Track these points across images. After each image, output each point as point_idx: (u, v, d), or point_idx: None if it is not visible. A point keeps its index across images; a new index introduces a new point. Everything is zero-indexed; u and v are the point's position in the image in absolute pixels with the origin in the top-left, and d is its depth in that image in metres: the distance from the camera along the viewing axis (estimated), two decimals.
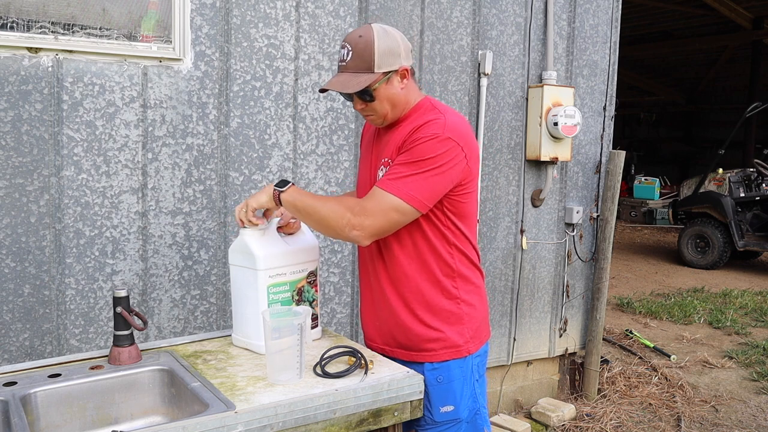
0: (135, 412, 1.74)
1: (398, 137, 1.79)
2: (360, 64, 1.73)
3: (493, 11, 3.44)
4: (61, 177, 2.43)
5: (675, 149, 17.13)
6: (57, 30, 2.37)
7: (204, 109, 2.67)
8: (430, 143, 1.69)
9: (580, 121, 3.55)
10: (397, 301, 1.85)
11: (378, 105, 1.78)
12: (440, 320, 1.83)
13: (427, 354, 1.83)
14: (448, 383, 1.83)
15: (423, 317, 1.83)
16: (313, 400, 1.55)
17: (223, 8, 2.67)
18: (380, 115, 1.81)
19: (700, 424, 3.83)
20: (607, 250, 3.96)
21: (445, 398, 1.82)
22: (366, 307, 1.99)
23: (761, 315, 6.21)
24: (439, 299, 1.83)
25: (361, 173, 1.99)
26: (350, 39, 1.75)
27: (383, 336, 1.92)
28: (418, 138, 1.70)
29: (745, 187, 8.35)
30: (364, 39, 1.72)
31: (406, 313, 1.84)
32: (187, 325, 2.72)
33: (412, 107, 1.84)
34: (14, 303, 2.39)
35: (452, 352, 1.83)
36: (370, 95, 1.75)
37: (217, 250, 2.75)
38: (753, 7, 11.39)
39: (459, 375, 1.84)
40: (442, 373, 1.82)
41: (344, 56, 1.75)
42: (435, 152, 1.68)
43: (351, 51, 1.73)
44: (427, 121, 1.73)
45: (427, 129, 1.71)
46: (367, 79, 1.72)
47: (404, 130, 1.78)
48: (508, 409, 3.87)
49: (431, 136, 1.69)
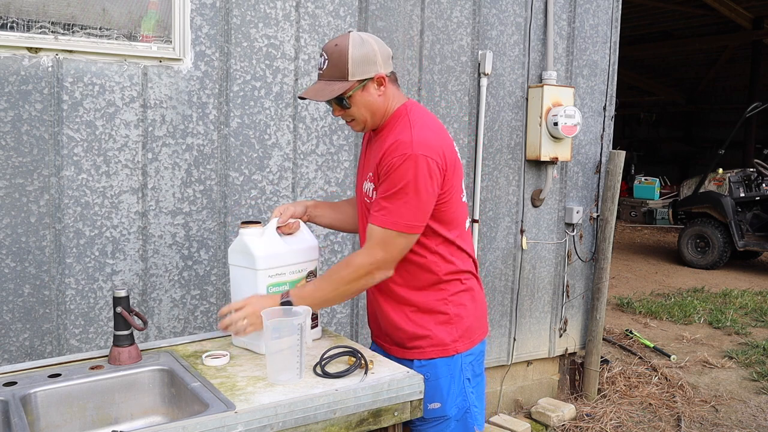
0: (135, 412, 1.74)
1: (378, 150, 1.81)
2: (335, 72, 1.76)
3: (493, 11, 3.44)
4: (61, 177, 2.43)
5: (675, 149, 17.12)
6: (57, 30, 2.37)
7: (204, 109, 2.67)
8: (403, 168, 1.70)
9: (580, 121, 3.55)
10: (387, 303, 1.90)
11: (356, 111, 1.81)
12: (428, 319, 1.87)
13: (416, 351, 1.87)
14: (435, 380, 1.85)
15: (411, 316, 1.87)
16: (313, 400, 1.55)
17: (223, 8, 2.67)
18: (360, 122, 1.84)
19: (700, 424, 3.83)
20: (607, 250, 3.96)
21: (432, 395, 1.84)
22: (367, 304, 2.06)
23: (761, 315, 6.21)
24: (426, 301, 1.87)
25: (357, 178, 2.04)
26: (327, 48, 1.78)
27: (381, 333, 1.98)
28: (391, 164, 1.72)
29: (745, 187, 8.34)
30: (339, 48, 1.75)
31: (396, 312, 1.89)
32: (187, 325, 2.72)
33: (391, 115, 1.85)
34: (14, 303, 2.39)
35: (439, 350, 1.86)
36: (345, 102, 1.78)
37: (217, 250, 2.75)
38: (753, 7, 11.38)
39: (446, 373, 1.87)
40: (429, 371, 1.85)
41: (321, 64, 1.79)
42: (410, 176, 1.70)
43: (327, 60, 1.77)
44: (395, 140, 1.74)
45: (395, 150, 1.72)
46: (341, 87, 1.75)
47: (383, 143, 1.80)
48: (508, 409, 3.87)
49: (402, 158, 1.70)
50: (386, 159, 1.73)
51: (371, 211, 1.78)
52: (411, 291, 1.86)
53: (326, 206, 2.18)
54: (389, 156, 1.73)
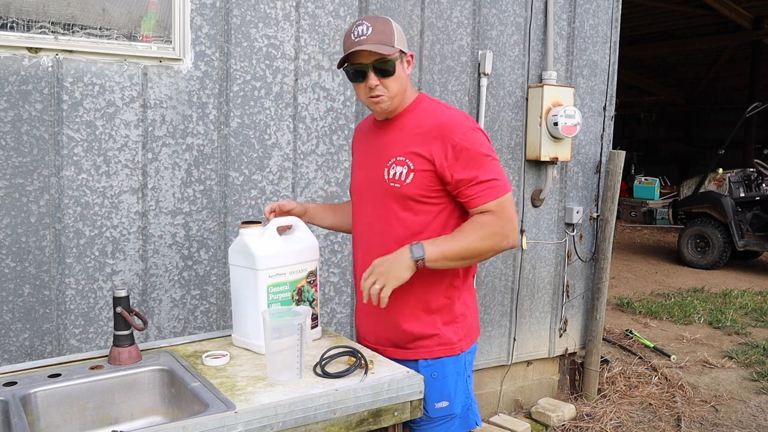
0: (135, 412, 1.74)
1: (407, 135, 1.80)
2: (381, 37, 1.74)
3: (493, 11, 3.44)
4: (61, 177, 2.43)
5: (675, 149, 17.13)
6: (57, 30, 2.37)
7: (204, 109, 2.67)
8: (478, 141, 1.75)
9: (580, 121, 3.55)
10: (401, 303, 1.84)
11: (392, 83, 1.79)
12: (436, 318, 1.85)
13: (423, 351, 1.85)
14: (443, 379, 1.85)
15: (419, 315, 1.84)
16: (313, 400, 1.54)
17: (223, 8, 2.67)
18: (391, 95, 1.80)
19: (700, 424, 3.83)
20: (607, 250, 3.96)
21: (440, 394, 1.84)
22: (360, 306, 1.99)
23: (761, 315, 6.21)
24: (436, 297, 1.85)
25: (359, 176, 1.98)
26: (367, 18, 1.78)
27: (377, 335, 1.93)
28: (464, 141, 1.73)
29: (745, 187, 8.34)
30: (381, 18, 1.78)
31: (402, 310, 1.84)
32: (187, 325, 2.72)
33: (413, 101, 1.86)
34: (14, 303, 2.39)
35: (447, 349, 1.85)
36: (392, 67, 1.77)
37: (217, 250, 2.75)
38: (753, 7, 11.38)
39: (453, 371, 1.86)
40: (437, 370, 1.84)
41: (364, 31, 1.75)
42: (486, 144, 1.78)
43: (371, 26, 1.75)
44: (451, 118, 1.78)
45: (459, 126, 1.75)
46: (392, 50, 1.75)
47: (412, 127, 1.80)
48: (508, 409, 3.87)
49: (470, 129, 1.75)
50: (457, 139, 1.73)
51: (473, 196, 1.74)
52: (427, 291, 1.83)
53: (327, 208, 2.17)
54: (457, 134, 1.73)
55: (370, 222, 1.90)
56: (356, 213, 1.99)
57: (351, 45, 1.76)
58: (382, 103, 1.81)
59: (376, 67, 1.76)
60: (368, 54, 1.74)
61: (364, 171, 1.95)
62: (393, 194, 1.81)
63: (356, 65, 1.77)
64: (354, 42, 1.75)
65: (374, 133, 1.93)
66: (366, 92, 1.80)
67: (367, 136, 1.97)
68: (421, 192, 1.78)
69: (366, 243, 1.93)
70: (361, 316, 2.00)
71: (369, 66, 1.76)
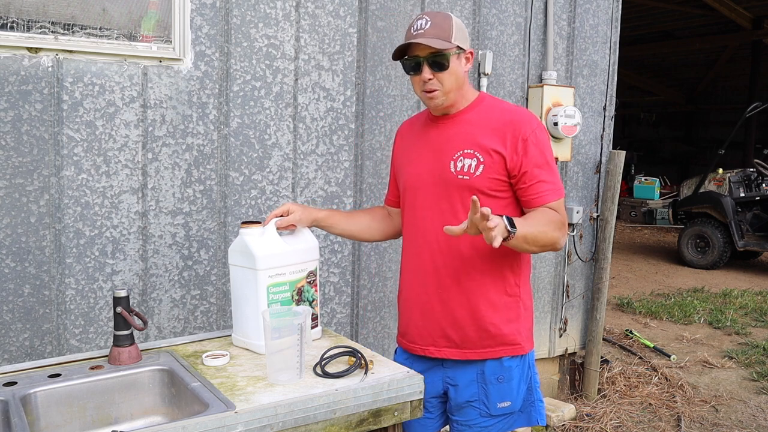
0: (135, 412, 1.74)
1: (473, 129, 1.82)
2: (439, 32, 1.76)
3: (493, 11, 3.44)
4: (61, 177, 2.43)
5: (675, 149, 17.13)
6: (57, 30, 2.37)
7: (204, 109, 2.67)
8: (544, 136, 1.82)
9: (580, 121, 3.55)
10: (459, 298, 1.85)
11: (447, 77, 1.79)
12: (502, 318, 1.86)
13: (491, 351, 1.86)
14: (509, 381, 1.87)
15: (485, 315, 1.85)
16: (313, 400, 1.55)
17: (223, 8, 2.67)
18: (445, 91, 1.81)
19: (700, 424, 3.83)
20: (607, 250, 3.96)
21: (504, 395, 1.86)
22: (413, 309, 1.95)
23: (761, 315, 6.21)
24: (500, 297, 1.86)
25: (413, 171, 1.93)
26: (427, 13, 1.81)
27: (432, 336, 1.90)
28: (534, 137, 1.79)
29: (745, 187, 8.34)
30: (441, 14, 1.81)
31: (468, 310, 1.85)
32: (187, 325, 2.72)
33: (475, 99, 1.88)
34: (14, 303, 2.39)
35: (512, 349, 1.87)
36: (447, 61, 1.78)
37: (217, 250, 2.75)
38: (753, 7, 11.39)
39: (518, 373, 1.88)
40: (503, 372, 1.86)
41: (422, 25, 1.77)
42: (548, 142, 1.84)
43: (430, 21, 1.77)
44: (520, 114, 1.83)
45: (529, 122, 1.81)
46: (448, 45, 1.76)
47: (478, 121, 1.83)
48: None
49: (538, 126, 1.81)
50: (525, 131, 1.78)
51: (537, 194, 1.79)
52: (492, 281, 1.85)
53: (340, 216, 2.13)
54: (525, 129, 1.78)
55: (431, 216, 1.88)
56: (409, 207, 1.96)
57: (409, 37, 1.80)
58: (436, 99, 1.83)
59: (431, 60, 1.77)
60: (424, 47, 1.76)
61: (421, 165, 1.92)
62: (460, 186, 1.81)
63: (412, 58, 1.80)
64: (412, 35, 1.79)
65: (432, 129, 1.92)
66: (420, 85, 1.83)
67: (420, 132, 1.96)
68: (490, 185, 1.80)
69: (427, 235, 1.89)
70: (413, 318, 1.95)
71: (423, 59, 1.78)
